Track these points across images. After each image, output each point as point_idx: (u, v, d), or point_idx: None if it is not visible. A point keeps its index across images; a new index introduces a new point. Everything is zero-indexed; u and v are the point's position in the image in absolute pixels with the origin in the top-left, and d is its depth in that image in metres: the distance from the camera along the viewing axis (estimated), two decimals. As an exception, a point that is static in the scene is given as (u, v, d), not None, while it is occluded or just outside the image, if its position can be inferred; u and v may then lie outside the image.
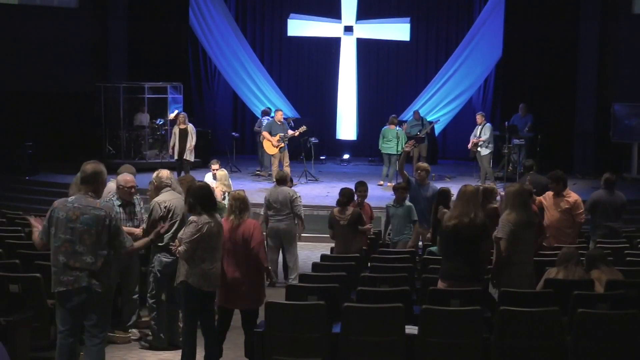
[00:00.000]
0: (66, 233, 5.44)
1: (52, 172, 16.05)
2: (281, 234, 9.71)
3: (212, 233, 6.26)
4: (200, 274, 6.21)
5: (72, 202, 5.52)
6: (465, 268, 6.36)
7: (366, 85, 20.18)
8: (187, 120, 15.14)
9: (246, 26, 20.27)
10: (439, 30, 20.17)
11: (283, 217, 9.70)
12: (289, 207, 9.68)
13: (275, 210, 9.71)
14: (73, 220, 5.43)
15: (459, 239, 6.37)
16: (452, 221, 6.41)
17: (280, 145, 14.97)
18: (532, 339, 5.70)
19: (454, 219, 6.40)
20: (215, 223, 6.30)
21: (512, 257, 6.50)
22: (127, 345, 7.24)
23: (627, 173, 16.29)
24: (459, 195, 6.61)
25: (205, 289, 6.25)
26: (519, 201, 6.58)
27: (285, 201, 9.69)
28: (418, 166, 10.19)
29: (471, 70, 18.67)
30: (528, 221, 6.55)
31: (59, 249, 5.44)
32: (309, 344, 5.85)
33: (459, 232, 6.35)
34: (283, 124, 15.34)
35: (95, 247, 5.47)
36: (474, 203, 6.48)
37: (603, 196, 9.30)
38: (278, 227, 9.70)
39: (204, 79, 20.31)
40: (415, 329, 5.80)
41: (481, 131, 15.03)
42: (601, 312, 5.78)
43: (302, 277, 7.33)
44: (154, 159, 16.62)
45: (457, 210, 6.46)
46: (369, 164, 18.73)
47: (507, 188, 7.16)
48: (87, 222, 5.45)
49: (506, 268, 6.53)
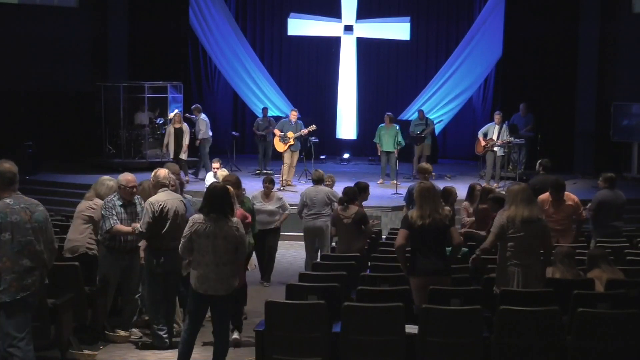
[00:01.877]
0: (26, 235, 5.33)
1: (53, 172, 16.05)
2: (317, 232, 9.79)
3: (200, 234, 6.10)
4: (196, 276, 6.17)
5: (15, 203, 5.35)
6: (438, 262, 6.47)
7: (366, 85, 20.18)
8: (182, 120, 15.17)
9: (246, 25, 20.26)
10: (439, 29, 20.16)
11: (320, 215, 9.79)
12: (328, 205, 9.80)
13: (311, 208, 9.82)
14: (27, 221, 5.35)
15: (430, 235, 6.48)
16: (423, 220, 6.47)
17: (290, 142, 14.98)
18: (532, 338, 5.69)
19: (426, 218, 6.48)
20: (210, 226, 6.09)
21: (512, 257, 6.45)
22: (127, 345, 7.24)
23: (627, 172, 16.30)
24: (422, 193, 6.63)
25: (201, 291, 6.14)
26: (520, 198, 6.54)
27: (323, 199, 9.83)
28: (421, 168, 10.18)
29: (471, 69, 18.66)
30: (529, 217, 6.44)
31: (21, 252, 5.30)
32: (309, 343, 5.84)
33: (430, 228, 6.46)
34: (297, 123, 15.33)
35: (47, 243, 5.47)
36: (438, 199, 6.72)
37: (608, 196, 9.31)
38: (314, 225, 9.79)
39: (204, 79, 20.30)
40: (415, 328, 5.80)
41: (500, 131, 14.90)
42: (601, 312, 5.77)
43: (302, 276, 7.33)
44: (154, 159, 16.61)
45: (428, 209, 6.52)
46: (369, 163, 18.73)
47: (510, 186, 7.17)
48: (39, 219, 5.43)
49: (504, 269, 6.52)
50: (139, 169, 14.34)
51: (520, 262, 6.41)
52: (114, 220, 7.20)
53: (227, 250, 6.13)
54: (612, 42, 17.05)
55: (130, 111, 17.47)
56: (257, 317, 7.42)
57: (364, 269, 7.99)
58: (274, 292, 8.88)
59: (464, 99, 19.03)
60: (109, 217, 7.21)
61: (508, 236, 6.46)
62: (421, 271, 6.47)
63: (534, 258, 6.48)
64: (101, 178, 7.90)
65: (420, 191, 6.64)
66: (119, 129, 17.06)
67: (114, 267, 7.32)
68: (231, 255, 6.16)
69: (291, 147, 15.08)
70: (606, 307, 5.89)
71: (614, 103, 16.54)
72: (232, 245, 6.15)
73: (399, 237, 6.61)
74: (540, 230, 6.49)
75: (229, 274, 6.17)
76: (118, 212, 7.27)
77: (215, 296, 6.13)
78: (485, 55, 18.53)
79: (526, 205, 6.50)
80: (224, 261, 6.12)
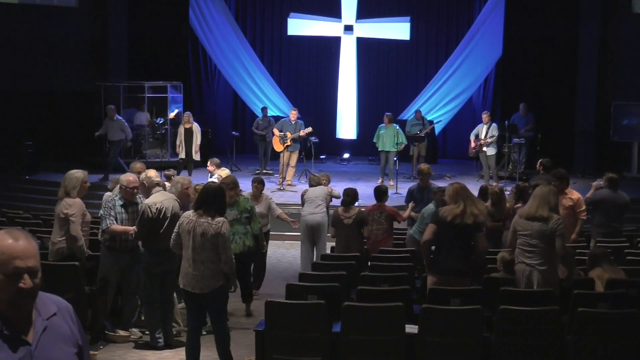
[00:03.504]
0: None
1: (52, 172, 16.02)
2: (314, 227, 9.84)
3: (183, 228, 6.17)
4: (180, 271, 6.27)
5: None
6: (459, 262, 6.42)
7: (366, 85, 20.19)
8: (191, 120, 15.19)
9: (246, 25, 20.27)
10: (439, 29, 20.17)
11: (317, 211, 9.88)
12: (324, 201, 9.93)
13: (309, 205, 9.91)
14: None
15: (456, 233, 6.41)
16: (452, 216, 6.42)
17: (287, 143, 14.99)
18: (532, 338, 5.69)
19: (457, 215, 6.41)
20: (192, 221, 6.13)
21: (519, 256, 6.49)
22: (127, 345, 7.24)
23: (627, 172, 16.30)
24: (457, 191, 6.56)
25: (181, 286, 6.23)
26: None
27: (321, 196, 9.96)
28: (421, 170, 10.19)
29: (471, 69, 18.66)
30: (535, 214, 6.42)
31: None
32: (309, 343, 5.84)
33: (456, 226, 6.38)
34: (296, 123, 15.34)
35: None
36: (473, 197, 6.63)
37: (607, 195, 9.30)
38: (313, 219, 9.84)
39: (204, 78, 20.30)
40: (415, 328, 5.79)
41: (487, 130, 14.97)
42: (601, 311, 5.76)
43: (302, 276, 7.33)
44: (154, 158, 16.62)
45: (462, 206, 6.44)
46: (369, 163, 18.74)
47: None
48: None
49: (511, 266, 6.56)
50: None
51: (524, 264, 6.47)
52: (111, 220, 7.20)
53: (204, 247, 6.09)
54: (612, 42, 17.06)
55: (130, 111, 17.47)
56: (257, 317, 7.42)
57: (364, 269, 8.00)
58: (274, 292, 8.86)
59: (464, 99, 19.03)
60: (107, 217, 7.22)
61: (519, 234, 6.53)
62: (443, 270, 6.43)
63: (538, 259, 6.43)
64: (69, 172, 7.58)
65: (456, 189, 6.55)
66: (119, 128, 17.05)
67: (114, 267, 7.31)
68: (210, 253, 6.10)
69: (289, 147, 15.09)
70: (606, 307, 5.88)
71: (614, 103, 16.54)
72: (210, 243, 6.10)
73: (427, 232, 6.53)
74: (557, 236, 6.41)
75: (206, 273, 6.10)
76: (118, 212, 7.26)
77: (191, 293, 6.18)
78: (485, 55, 18.53)
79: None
80: (202, 259, 6.10)
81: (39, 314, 2.60)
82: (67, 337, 2.66)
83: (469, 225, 6.37)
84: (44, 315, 2.61)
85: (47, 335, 2.58)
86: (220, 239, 6.12)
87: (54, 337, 2.61)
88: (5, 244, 2.51)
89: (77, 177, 7.44)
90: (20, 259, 2.50)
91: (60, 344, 2.62)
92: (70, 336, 2.68)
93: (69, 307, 2.74)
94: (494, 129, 14.94)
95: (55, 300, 2.72)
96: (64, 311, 2.70)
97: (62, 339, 2.64)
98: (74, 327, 2.72)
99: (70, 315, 2.73)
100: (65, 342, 2.64)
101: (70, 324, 2.70)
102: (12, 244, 2.51)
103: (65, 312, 2.71)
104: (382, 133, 15.47)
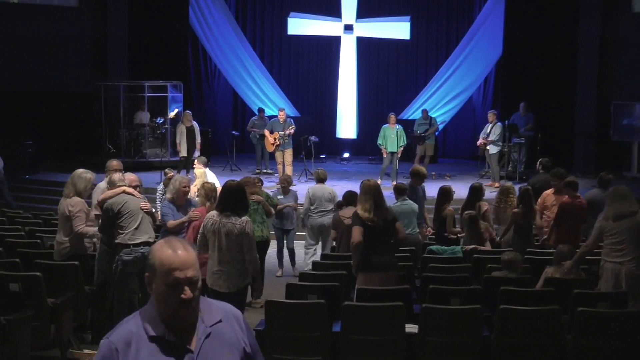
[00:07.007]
0: None
1: (52, 171, 16.05)
2: (323, 229, 10.04)
3: (208, 229, 6.28)
4: (209, 272, 6.30)
5: None
6: (386, 257, 6.50)
7: (366, 84, 20.18)
8: (191, 118, 15.20)
9: (246, 25, 20.27)
10: (439, 28, 20.16)
11: (326, 213, 10.05)
12: (333, 203, 10.06)
13: (317, 206, 10.08)
14: None
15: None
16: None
17: (277, 143, 15.05)
18: (532, 337, 5.69)
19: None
20: (217, 222, 6.23)
21: (606, 256, 6.75)
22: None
23: (627, 172, 16.30)
24: (365, 189, 6.63)
25: (216, 288, 6.23)
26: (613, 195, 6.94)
27: (328, 197, 10.11)
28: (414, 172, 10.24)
29: (471, 68, 18.66)
30: (625, 212, 6.69)
31: None
32: (309, 342, 5.84)
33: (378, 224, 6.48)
34: (285, 122, 15.35)
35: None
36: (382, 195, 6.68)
37: (597, 195, 9.29)
38: (321, 222, 10.04)
39: (204, 78, 20.29)
40: (415, 327, 5.79)
41: (491, 129, 15.00)
42: (601, 311, 5.77)
43: (302, 275, 7.32)
44: (154, 158, 16.62)
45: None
46: (369, 163, 18.74)
47: None
48: None
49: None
50: (139, 169, 14.34)
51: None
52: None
53: (230, 247, 6.18)
54: (612, 42, 17.05)
55: (130, 110, 17.48)
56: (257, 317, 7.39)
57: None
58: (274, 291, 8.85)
59: (464, 99, 19.02)
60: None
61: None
62: (370, 267, 6.45)
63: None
64: (77, 172, 7.56)
65: (363, 188, 6.65)
66: (119, 128, 17.07)
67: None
68: (235, 253, 6.20)
69: (279, 146, 15.14)
70: (606, 307, 5.89)
71: (614, 102, 16.53)
72: (235, 243, 6.19)
73: (355, 234, 6.43)
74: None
75: (233, 273, 6.21)
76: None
77: (219, 292, 6.19)
78: (485, 55, 18.52)
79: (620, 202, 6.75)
80: (228, 259, 6.20)
81: (202, 321, 2.57)
82: (232, 344, 2.63)
83: (385, 223, 6.48)
84: (207, 322, 2.58)
85: (210, 342, 2.56)
86: (245, 239, 6.21)
87: (217, 343, 2.58)
88: (165, 254, 2.50)
89: (87, 179, 7.51)
90: (180, 270, 2.49)
91: (225, 351, 2.59)
92: (236, 343, 2.64)
93: (237, 314, 2.71)
94: (497, 128, 14.96)
95: (222, 307, 2.69)
96: (230, 318, 2.67)
97: (227, 346, 2.61)
98: (242, 334, 2.68)
99: (238, 322, 2.69)
100: (229, 349, 2.61)
101: (238, 331, 2.67)
102: (171, 254, 2.50)
103: (232, 319, 2.68)
104: (387, 134, 15.41)
